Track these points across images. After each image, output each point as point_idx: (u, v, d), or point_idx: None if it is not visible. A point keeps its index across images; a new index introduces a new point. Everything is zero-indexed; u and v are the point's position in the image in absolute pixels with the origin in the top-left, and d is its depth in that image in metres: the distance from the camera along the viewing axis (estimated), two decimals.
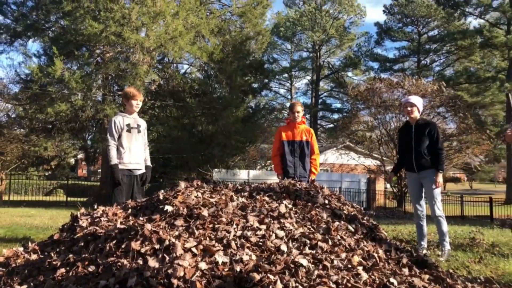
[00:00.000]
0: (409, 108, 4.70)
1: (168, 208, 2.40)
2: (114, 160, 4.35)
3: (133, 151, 4.46)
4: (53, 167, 41.10)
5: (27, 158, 19.61)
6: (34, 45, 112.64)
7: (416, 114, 4.66)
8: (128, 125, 4.46)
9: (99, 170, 34.63)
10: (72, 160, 48.87)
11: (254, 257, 1.93)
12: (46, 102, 16.47)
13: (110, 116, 16.00)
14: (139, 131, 4.53)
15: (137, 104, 4.55)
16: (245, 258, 1.90)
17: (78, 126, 18.26)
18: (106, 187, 19.88)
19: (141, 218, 2.27)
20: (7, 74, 30.24)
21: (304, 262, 1.98)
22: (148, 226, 2.01)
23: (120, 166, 4.36)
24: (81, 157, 49.37)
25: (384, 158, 21.06)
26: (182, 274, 1.73)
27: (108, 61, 16.56)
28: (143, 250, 1.93)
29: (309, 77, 44.86)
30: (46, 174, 37.98)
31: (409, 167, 4.72)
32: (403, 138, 4.85)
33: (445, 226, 4.51)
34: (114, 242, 2.00)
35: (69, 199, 20.14)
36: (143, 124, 4.68)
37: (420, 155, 4.57)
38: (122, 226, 2.12)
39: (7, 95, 19.37)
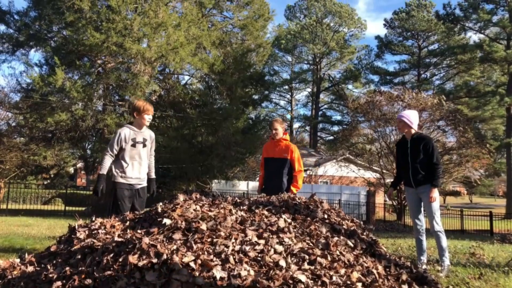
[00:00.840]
0: (397, 124, 4.75)
1: (166, 221, 2.38)
2: (104, 169, 4.34)
3: (136, 166, 4.41)
4: (52, 176, 41.02)
5: (26, 166, 19.59)
6: (36, 55, 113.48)
7: (406, 130, 4.64)
8: (133, 139, 4.38)
9: None
10: (71, 169, 48.85)
11: (252, 273, 1.91)
12: (47, 111, 16.51)
13: (110, 126, 16.02)
14: (144, 146, 4.46)
15: (149, 118, 4.47)
16: (244, 273, 1.88)
17: (78, 135, 18.27)
18: (105, 197, 19.81)
19: (139, 231, 2.26)
20: (8, 83, 30.36)
21: (302, 278, 1.96)
22: (146, 240, 1.99)
23: (122, 180, 4.33)
24: (80, 166, 49.40)
25: (384, 171, 21.05)
26: None
27: (109, 71, 16.62)
28: (140, 264, 1.91)
29: (309, 89, 45.10)
30: (45, 183, 37.87)
31: (407, 182, 4.70)
32: (400, 153, 4.84)
33: (444, 242, 4.48)
34: (111, 255, 1.98)
35: (67, 208, 20.07)
36: (151, 136, 4.61)
37: (417, 170, 4.55)
38: (120, 239, 2.10)
39: (8, 103, 19.43)
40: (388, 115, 19.29)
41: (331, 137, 42.95)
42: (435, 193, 4.42)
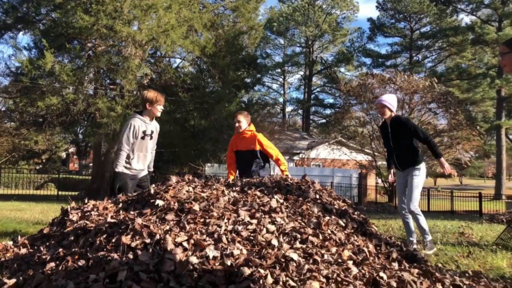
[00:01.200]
0: (379, 110, 4.67)
1: (159, 202, 2.39)
2: (120, 167, 4.13)
3: (141, 158, 4.30)
4: (44, 160, 40.85)
5: (18, 151, 19.47)
6: (24, 38, 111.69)
7: (389, 114, 4.59)
8: (144, 131, 4.23)
9: (91, 164, 34.48)
10: (63, 154, 48.60)
11: (245, 252, 1.94)
12: (37, 95, 16.33)
13: (102, 110, 15.89)
14: (151, 138, 4.35)
15: (161, 109, 4.37)
16: (236, 252, 1.90)
17: (70, 120, 18.13)
18: (98, 181, 19.82)
19: (131, 212, 2.27)
20: None
21: (294, 256, 1.99)
22: (139, 220, 2.01)
23: (126, 171, 4.17)
24: (73, 151, 49.21)
25: (376, 154, 21.19)
26: (172, 268, 1.73)
27: (99, 54, 16.42)
28: (133, 244, 1.92)
29: (301, 72, 44.96)
30: (37, 167, 37.69)
31: (394, 165, 4.73)
32: (383, 137, 4.86)
33: (422, 221, 4.49)
34: (104, 236, 1.99)
35: (60, 193, 20.02)
36: (157, 128, 4.50)
37: (400, 152, 4.56)
38: (113, 220, 2.11)
39: None
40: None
41: (324, 120, 43.03)
42: (445, 164, 4.39)
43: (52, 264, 1.91)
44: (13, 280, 1.87)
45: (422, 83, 18.57)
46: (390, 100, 4.63)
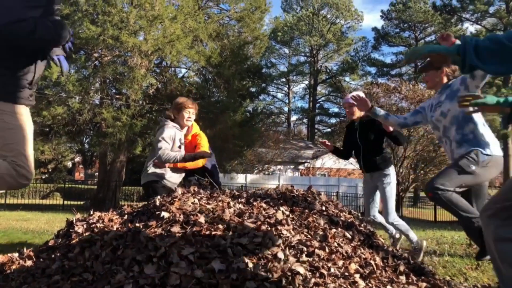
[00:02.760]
0: (347, 110, 4.39)
1: (165, 214, 2.39)
2: (178, 156, 3.73)
3: (179, 170, 4.06)
4: (50, 170, 41.07)
5: None
6: None
7: (358, 114, 4.32)
8: (180, 139, 3.94)
9: (96, 174, 34.58)
10: (69, 163, 48.82)
11: (250, 265, 1.92)
12: (43, 105, 16.44)
13: (107, 120, 15.97)
14: (180, 147, 3.99)
15: (188, 117, 3.97)
16: (242, 266, 1.89)
17: (76, 129, 18.22)
18: (103, 190, 19.86)
19: (137, 225, 2.26)
20: None
21: (301, 270, 1.97)
22: (144, 234, 2.00)
23: (159, 181, 3.89)
24: (78, 160, 49.44)
25: None
26: (178, 282, 1.72)
27: (105, 64, 16.54)
28: (139, 257, 1.92)
29: (306, 82, 45.04)
30: (43, 177, 37.87)
31: (361, 167, 4.48)
32: (349, 138, 4.56)
33: (404, 227, 4.31)
34: (109, 249, 1.98)
35: (66, 202, 20.08)
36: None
37: (368, 154, 4.31)
38: (119, 233, 2.11)
39: None
40: (386, 107, 19.30)
41: (329, 129, 42.98)
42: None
43: (58, 277, 1.91)
44: None
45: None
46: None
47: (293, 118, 46.86)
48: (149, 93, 18.97)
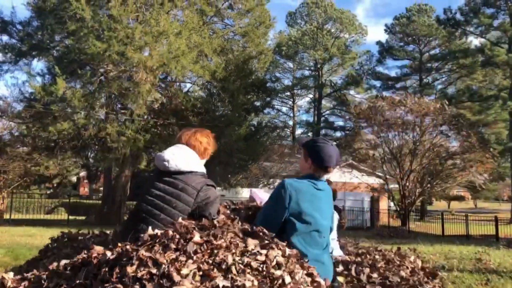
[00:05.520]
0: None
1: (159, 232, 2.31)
2: None
3: None
4: (55, 185, 41.14)
5: (29, 176, 19.60)
6: (38, 64, 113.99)
7: None
8: None
9: (101, 189, 34.59)
10: (74, 178, 48.86)
11: (256, 283, 1.85)
12: (49, 120, 16.55)
13: (112, 135, 16.02)
14: None
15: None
16: (248, 284, 1.82)
17: (81, 144, 18.29)
18: (108, 205, 19.83)
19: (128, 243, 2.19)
20: (11, 93, 30.41)
21: None
22: (143, 252, 1.94)
23: None
24: (83, 175, 49.47)
25: (388, 177, 20.96)
26: None
27: (111, 80, 16.67)
28: (139, 275, 1.85)
29: (311, 95, 45.12)
30: (48, 192, 37.92)
31: None
32: None
33: None
34: (107, 268, 1.92)
35: (70, 217, 20.05)
36: None
37: None
38: (115, 253, 2.05)
39: (11, 113, 19.46)
40: (391, 120, 19.25)
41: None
42: None
43: None
44: None
45: (433, 105, 18.49)
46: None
47: (298, 131, 46.85)
48: (153, 107, 19.05)
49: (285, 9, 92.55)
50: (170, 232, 2.08)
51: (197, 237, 2.06)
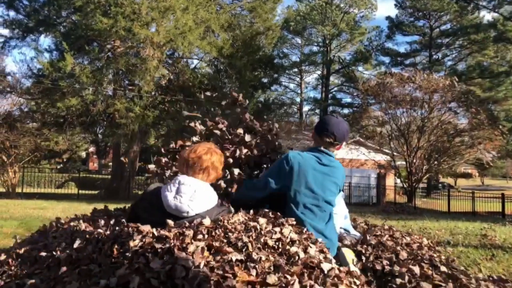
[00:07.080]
0: None
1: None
2: None
3: None
4: (64, 160, 41.65)
5: (40, 151, 19.84)
6: (46, 40, 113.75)
7: None
8: None
9: (110, 164, 34.93)
10: (83, 154, 49.38)
11: (271, 258, 1.87)
12: (58, 96, 16.63)
13: (121, 111, 16.09)
14: None
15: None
16: (263, 258, 1.84)
17: (89, 120, 18.42)
18: (117, 180, 20.06)
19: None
20: (20, 69, 30.43)
21: (325, 266, 1.91)
22: (146, 228, 1.98)
23: None
24: (92, 151, 49.96)
25: (395, 154, 20.91)
26: (183, 274, 1.68)
27: (118, 56, 16.63)
28: (141, 251, 1.86)
29: (319, 72, 44.62)
30: (58, 167, 38.42)
31: None
32: None
33: None
34: (112, 242, 1.96)
35: (80, 191, 20.36)
36: None
37: None
38: (114, 231, 2.10)
39: (20, 89, 19.58)
40: (399, 97, 19.06)
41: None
42: None
43: (64, 268, 1.90)
44: (32, 281, 1.86)
45: (442, 82, 18.23)
46: None
47: (305, 108, 46.59)
48: (161, 84, 19.03)
49: None
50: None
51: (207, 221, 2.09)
